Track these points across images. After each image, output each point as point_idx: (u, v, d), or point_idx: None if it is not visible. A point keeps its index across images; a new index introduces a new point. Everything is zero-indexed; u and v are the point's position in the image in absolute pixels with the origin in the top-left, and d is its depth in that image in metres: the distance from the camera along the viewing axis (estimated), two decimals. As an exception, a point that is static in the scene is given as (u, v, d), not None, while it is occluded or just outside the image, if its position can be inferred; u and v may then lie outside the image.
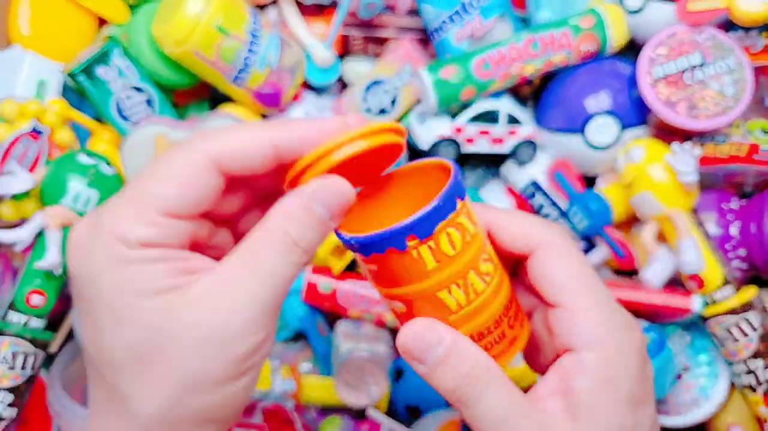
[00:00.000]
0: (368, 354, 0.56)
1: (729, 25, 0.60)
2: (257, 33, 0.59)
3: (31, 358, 0.53)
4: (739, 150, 0.60)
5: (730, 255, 0.62)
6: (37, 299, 0.53)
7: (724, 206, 0.63)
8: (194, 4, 0.56)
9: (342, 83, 0.70)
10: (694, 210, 0.59)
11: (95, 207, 0.54)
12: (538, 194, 0.65)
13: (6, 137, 0.54)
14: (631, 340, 0.30)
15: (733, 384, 0.61)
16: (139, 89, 0.60)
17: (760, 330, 0.57)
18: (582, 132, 0.61)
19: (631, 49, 0.63)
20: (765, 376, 0.57)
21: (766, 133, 0.61)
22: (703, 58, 0.57)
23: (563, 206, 0.64)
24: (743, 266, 0.62)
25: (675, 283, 0.61)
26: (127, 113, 0.60)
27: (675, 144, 0.55)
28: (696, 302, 0.58)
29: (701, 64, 0.57)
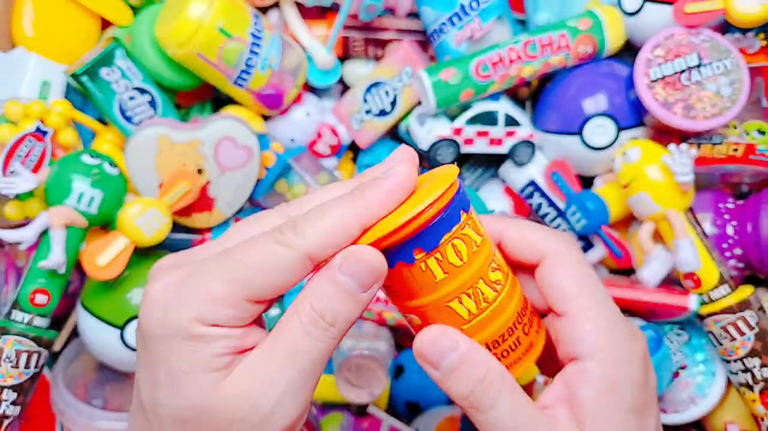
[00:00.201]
0: (369, 351, 0.56)
1: (726, 27, 0.60)
2: (259, 35, 0.60)
3: (35, 356, 0.54)
4: (735, 150, 0.61)
5: (727, 255, 0.62)
6: (40, 298, 0.54)
7: (721, 205, 0.63)
8: (197, 7, 0.56)
9: (343, 85, 0.70)
10: (690, 210, 0.59)
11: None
12: (536, 194, 0.65)
13: (10, 138, 0.54)
14: (634, 350, 0.31)
15: (729, 381, 0.61)
16: (142, 90, 0.60)
17: (757, 329, 0.57)
18: (579, 133, 0.61)
19: (628, 50, 0.63)
20: (761, 374, 0.57)
21: (762, 133, 0.61)
22: (699, 59, 0.57)
23: (561, 205, 0.64)
24: (739, 265, 0.63)
25: (672, 282, 0.61)
26: (130, 114, 0.60)
27: (672, 145, 0.56)
28: (693, 301, 0.58)
29: (698, 66, 0.57)
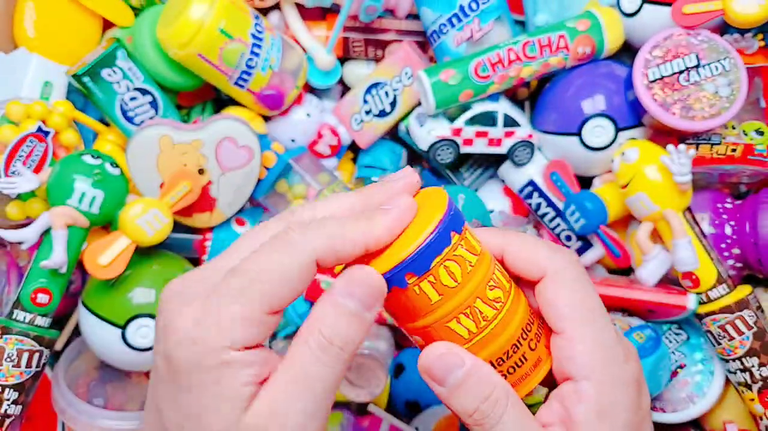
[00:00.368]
0: (369, 350, 0.57)
1: (724, 28, 0.60)
2: (260, 36, 0.60)
3: (36, 356, 0.54)
4: (734, 151, 0.61)
5: (725, 254, 0.62)
6: (42, 298, 0.54)
7: (719, 206, 0.63)
8: (198, 8, 0.56)
9: (343, 86, 0.70)
10: (689, 210, 0.59)
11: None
12: (535, 195, 0.65)
13: (12, 138, 0.54)
14: (628, 372, 0.31)
15: (728, 381, 0.62)
16: (144, 91, 0.60)
17: (755, 328, 0.57)
18: (578, 134, 0.61)
19: (627, 51, 0.63)
20: (760, 374, 0.57)
21: (760, 134, 0.62)
22: (698, 60, 0.57)
23: (560, 205, 0.64)
24: (738, 265, 0.63)
25: (671, 282, 0.61)
26: (131, 114, 0.60)
27: (671, 146, 0.56)
28: (691, 301, 0.58)
29: (696, 66, 0.57)
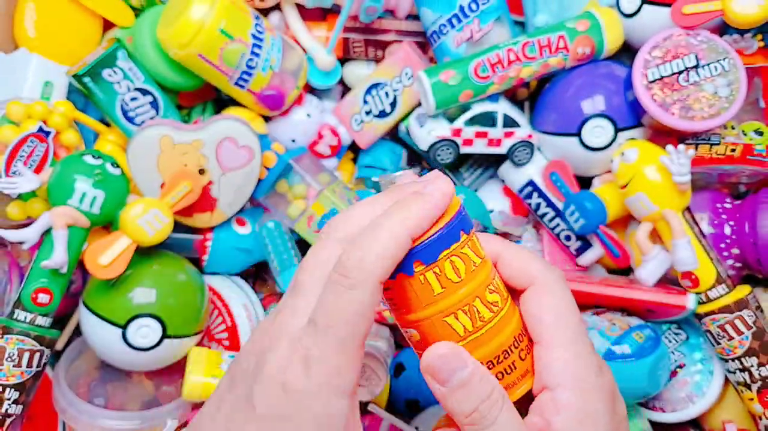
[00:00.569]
0: (369, 349, 0.57)
1: (724, 28, 0.60)
2: (260, 36, 0.60)
3: (37, 355, 0.54)
4: (733, 151, 0.61)
5: (724, 254, 0.63)
6: (43, 298, 0.54)
7: (719, 205, 0.64)
8: (198, 8, 0.56)
9: (343, 86, 0.70)
10: (688, 210, 0.59)
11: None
12: (534, 195, 0.65)
13: (13, 138, 0.55)
14: (603, 383, 0.32)
15: (727, 380, 0.62)
16: (144, 91, 0.60)
17: (754, 328, 0.57)
18: (578, 134, 0.62)
19: (626, 51, 0.64)
20: (759, 373, 0.57)
21: (760, 134, 0.62)
22: (697, 60, 0.57)
23: (559, 205, 0.65)
24: (737, 265, 0.63)
25: (670, 282, 0.61)
26: (132, 114, 0.60)
27: (670, 146, 0.56)
28: (691, 300, 0.58)
29: (696, 67, 0.57)
